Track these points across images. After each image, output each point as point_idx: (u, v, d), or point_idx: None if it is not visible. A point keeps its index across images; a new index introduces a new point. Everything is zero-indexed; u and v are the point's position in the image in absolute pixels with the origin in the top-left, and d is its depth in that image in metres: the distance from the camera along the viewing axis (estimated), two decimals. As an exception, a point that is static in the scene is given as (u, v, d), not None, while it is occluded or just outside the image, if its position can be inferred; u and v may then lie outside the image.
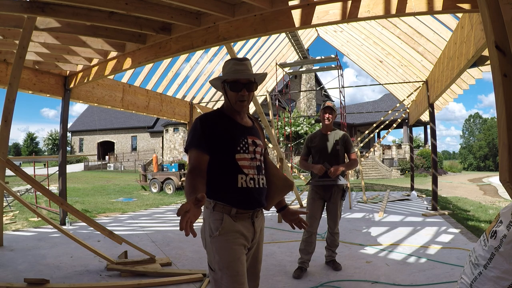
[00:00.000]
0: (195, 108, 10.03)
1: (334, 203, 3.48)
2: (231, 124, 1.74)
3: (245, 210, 1.67)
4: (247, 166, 1.69)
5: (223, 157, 1.67)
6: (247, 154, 1.71)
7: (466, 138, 55.55)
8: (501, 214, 1.77)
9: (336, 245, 3.61)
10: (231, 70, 1.74)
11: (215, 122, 1.72)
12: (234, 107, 1.75)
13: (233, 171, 1.66)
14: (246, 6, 3.99)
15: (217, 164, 1.66)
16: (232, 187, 1.65)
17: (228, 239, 1.60)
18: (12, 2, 3.65)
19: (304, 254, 3.42)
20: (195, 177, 1.56)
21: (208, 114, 1.76)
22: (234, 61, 1.77)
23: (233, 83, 1.72)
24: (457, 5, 3.22)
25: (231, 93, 1.73)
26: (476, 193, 12.73)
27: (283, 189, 1.90)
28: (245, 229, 1.67)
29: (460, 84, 7.20)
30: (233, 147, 1.69)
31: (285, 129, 20.45)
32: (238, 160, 1.68)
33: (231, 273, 1.57)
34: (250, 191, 1.67)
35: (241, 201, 1.65)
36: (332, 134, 3.56)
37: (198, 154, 1.64)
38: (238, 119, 1.78)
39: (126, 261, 3.72)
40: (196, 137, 1.66)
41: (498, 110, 1.57)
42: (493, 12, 1.56)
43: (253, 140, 1.76)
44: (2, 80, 5.19)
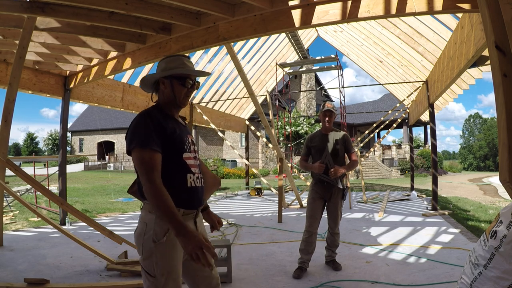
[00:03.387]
0: (195, 108, 10.04)
1: (334, 203, 3.47)
2: (174, 123, 1.70)
3: (191, 210, 1.65)
4: (193, 165, 1.69)
5: (172, 157, 1.62)
6: (190, 153, 1.70)
7: (466, 138, 55.54)
8: (501, 214, 1.77)
9: (336, 245, 3.61)
10: (184, 65, 1.71)
11: (162, 119, 1.63)
12: (178, 102, 1.71)
13: (182, 171, 1.64)
14: (246, 6, 3.99)
15: (166, 165, 1.59)
16: (182, 187, 1.62)
17: (174, 244, 1.54)
18: (12, 2, 3.65)
19: (304, 254, 3.42)
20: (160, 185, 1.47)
21: (153, 111, 1.65)
22: (185, 58, 1.74)
23: (184, 78, 1.69)
24: (457, 5, 3.22)
25: (181, 88, 1.69)
26: (476, 193, 12.73)
27: (213, 186, 1.96)
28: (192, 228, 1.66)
29: (460, 84, 7.20)
30: (181, 146, 1.66)
31: (285, 129, 20.45)
32: (185, 159, 1.66)
33: (174, 277, 1.56)
34: (197, 190, 1.68)
35: (189, 201, 1.64)
36: (332, 134, 3.55)
37: (153, 154, 1.52)
38: (176, 117, 1.76)
39: (126, 261, 3.72)
40: (147, 135, 1.53)
41: (498, 110, 1.57)
42: (493, 12, 1.56)
43: (191, 139, 1.76)
44: (2, 80, 5.19)
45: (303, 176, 11.01)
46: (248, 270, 3.59)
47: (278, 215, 6.40)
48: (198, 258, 1.37)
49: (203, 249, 1.37)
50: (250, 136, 21.22)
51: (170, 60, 1.73)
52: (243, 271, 3.54)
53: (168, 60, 1.73)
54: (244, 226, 5.91)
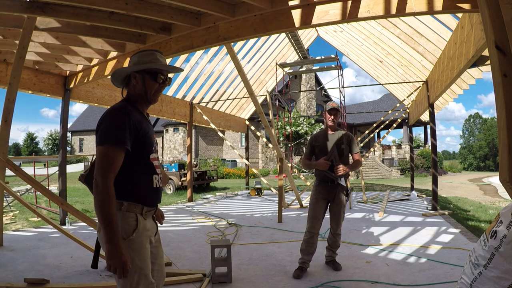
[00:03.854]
0: (195, 108, 10.04)
1: (338, 204, 3.43)
2: (146, 122, 1.69)
3: (152, 208, 1.71)
4: (157, 166, 1.72)
5: (141, 157, 1.63)
6: (155, 153, 1.72)
7: (466, 138, 55.54)
8: (501, 214, 1.77)
9: (337, 246, 3.59)
10: (157, 60, 1.69)
11: (136, 118, 1.61)
12: (149, 97, 1.70)
13: (150, 171, 1.66)
14: (246, 6, 3.99)
15: (135, 164, 1.60)
16: (148, 187, 1.65)
17: (142, 240, 1.60)
18: (12, 2, 3.65)
19: (305, 254, 3.41)
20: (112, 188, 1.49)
21: (128, 108, 1.61)
22: (158, 53, 1.72)
23: (156, 73, 1.68)
24: (457, 5, 3.22)
25: (152, 83, 1.68)
26: (476, 193, 12.72)
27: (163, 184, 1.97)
28: (151, 225, 1.72)
29: (460, 84, 7.20)
30: (150, 148, 1.67)
31: (285, 129, 20.45)
32: (152, 160, 1.68)
33: (146, 271, 1.60)
34: (159, 190, 1.74)
35: (153, 200, 1.69)
36: (337, 134, 3.51)
37: (120, 154, 1.53)
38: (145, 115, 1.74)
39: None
40: (121, 133, 1.52)
41: (498, 110, 1.57)
42: (493, 12, 1.56)
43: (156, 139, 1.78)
44: (2, 80, 5.19)
45: (303, 176, 11.01)
46: (248, 270, 3.59)
47: (278, 215, 6.40)
48: (114, 271, 1.44)
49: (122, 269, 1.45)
50: (250, 136, 21.24)
51: (143, 54, 1.71)
52: (243, 271, 3.54)
53: (141, 54, 1.71)
54: (244, 226, 5.91)
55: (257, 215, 7.19)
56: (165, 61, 1.75)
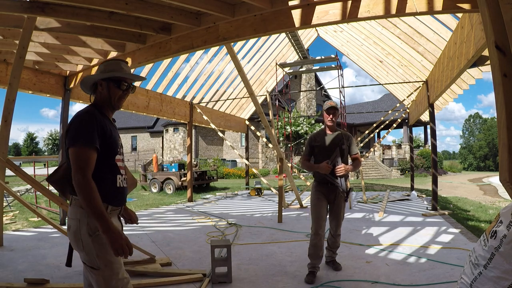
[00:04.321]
0: (195, 108, 10.04)
1: (338, 205, 3.40)
2: (111, 125, 1.80)
3: (117, 207, 1.80)
4: (122, 166, 1.83)
5: (107, 158, 1.73)
6: (120, 155, 1.83)
7: (466, 138, 55.56)
8: (501, 214, 1.77)
9: (337, 246, 3.57)
10: (121, 69, 1.83)
11: (102, 121, 1.72)
12: (113, 103, 1.83)
13: (114, 171, 1.77)
14: (246, 6, 3.99)
15: (100, 165, 1.69)
16: (112, 187, 1.75)
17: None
18: (12, 2, 3.65)
19: (315, 258, 3.31)
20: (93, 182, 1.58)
21: (95, 111, 1.74)
22: (121, 62, 1.87)
23: (119, 81, 1.82)
24: (457, 5, 3.22)
25: (117, 90, 1.82)
26: (476, 193, 12.72)
27: (131, 186, 2.11)
28: (117, 224, 1.80)
29: (460, 84, 7.20)
30: (115, 149, 1.78)
31: (285, 129, 20.45)
32: (117, 161, 1.79)
33: (118, 265, 1.68)
34: (123, 190, 1.84)
35: (117, 199, 1.78)
36: (336, 134, 3.47)
37: (92, 154, 1.63)
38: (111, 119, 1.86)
39: (126, 261, 3.72)
40: (91, 134, 1.63)
41: (498, 110, 1.57)
42: (493, 12, 1.56)
43: (121, 142, 1.89)
44: (2, 80, 5.19)
45: (303, 176, 11.01)
46: (248, 270, 3.59)
47: (278, 215, 6.40)
48: (122, 253, 1.55)
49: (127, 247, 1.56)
50: (250, 136, 21.25)
51: (109, 63, 1.86)
52: (243, 271, 3.54)
53: (107, 63, 1.86)
54: (244, 226, 5.91)
55: (257, 215, 7.19)
56: (129, 70, 1.90)
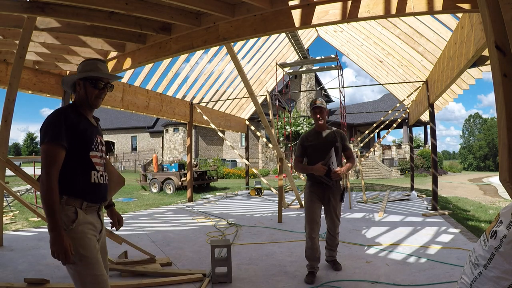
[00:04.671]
0: (195, 108, 10.04)
1: (333, 206, 3.36)
2: (86, 122, 1.84)
3: (94, 204, 1.81)
4: (98, 163, 1.85)
5: (79, 153, 1.77)
6: (98, 152, 1.86)
7: (466, 138, 55.56)
8: (501, 214, 1.77)
9: (336, 244, 3.55)
10: (96, 68, 1.87)
11: (75, 118, 1.78)
12: (90, 102, 1.87)
13: (88, 167, 1.79)
14: (246, 6, 3.99)
15: (73, 160, 1.74)
16: (86, 182, 1.77)
17: (84, 230, 1.72)
18: (12, 2, 3.65)
19: (312, 260, 3.31)
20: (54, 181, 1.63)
21: (67, 109, 1.79)
22: (98, 61, 1.91)
23: (96, 80, 1.86)
24: (457, 5, 3.22)
25: (92, 89, 1.86)
26: (476, 193, 12.72)
27: (118, 185, 2.13)
28: (94, 220, 1.82)
29: (460, 84, 7.20)
30: (89, 145, 1.81)
31: (285, 129, 20.45)
32: (91, 157, 1.81)
33: (93, 261, 1.70)
34: (100, 187, 1.84)
35: (92, 195, 1.79)
36: (328, 133, 3.41)
37: (58, 150, 1.67)
38: (89, 118, 1.90)
39: (126, 261, 3.72)
40: (58, 131, 1.68)
41: (498, 110, 1.57)
42: (493, 12, 1.56)
43: (100, 139, 1.92)
44: (2, 80, 5.18)
45: (303, 176, 11.00)
46: (248, 270, 3.59)
47: (278, 215, 6.40)
48: (58, 257, 1.59)
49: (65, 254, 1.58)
50: (250, 136, 21.24)
51: (86, 63, 1.90)
52: (243, 271, 3.54)
53: (85, 63, 1.91)
54: (244, 226, 5.91)
55: (257, 215, 7.19)
56: (106, 69, 1.94)
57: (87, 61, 1.92)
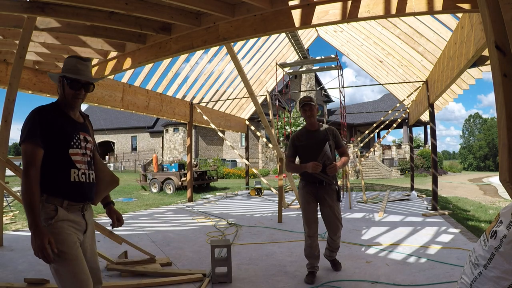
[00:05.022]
0: (195, 108, 10.04)
1: (329, 206, 3.23)
2: (65, 119, 1.80)
3: (76, 203, 1.76)
4: (79, 161, 1.79)
5: (57, 151, 1.73)
6: (79, 149, 1.81)
7: (466, 138, 55.56)
8: (501, 214, 1.77)
9: (337, 247, 3.44)
10: (74, 68, 1.81)
11: (52, 116, 1.75)
12: (68, 102, 1.83)
13: (66, 165, 1.74)
14: (246, 6, 3.99)
15: (51, 158, 1.71)
16: (65, 181, 1.73)
17: (63, 226, 1.68)
18: (12, 2, 3.65)
19: (312, 258, 3.27)
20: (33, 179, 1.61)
21: (45, 107, 1.77)
22: (77, 60, 1.84)
23: (73, 81, 1.80)
24: (457, 5, 3.22)
25: (69, 90, 1.81)
26: (476, 193, 12.72)
27: (110, 185, 2.02)
28: (77, 219, 1.77)
29: (460, 84, 7.20)
30: (67, 142, 1.76)
31: (285, 129, 20.44)
32: (71, 155, 1.76)
33: (71, 257, 1.65)
34: (82, 185, 1.78)
35: (73, 194, 1.74)
36: (321, 130, 3.29)
37: (35, 149, 1.65)
38: (71, 115, 1.85)
39: (126, 261, 3.72)
40: (33, 130, 1.67)
41: (498, 110, 1.57)
42: (493, 12, 1.56)
43: (85, 136, 1.87)
44: (2, 80, 5.19)
45: (303, 176, 11.00)
46: (248, 270, 3.59)
47: (278, 215, 6.40)
48: (38, 255, 1.57)
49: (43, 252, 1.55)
50: (250, 136, 21.24)
51: (66, 61, 1.85)
52: (243, 271, 3.54)
53: (66, 61, 1.85)
54: (244, 226, 5.91)
55: (257, 215, 7.19)
56: (86, 69, 1.85)
57: (69, 58, 1.86)
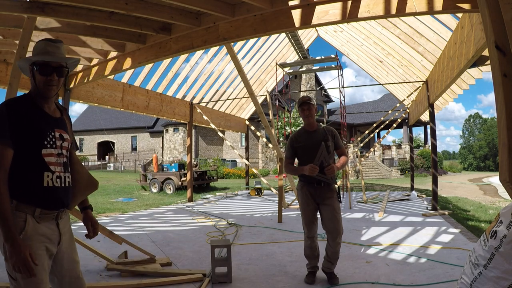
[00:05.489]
0: (195, 108, 10.04)
1: (329, 206, 3.08)
2: (38, 114, 1.58)
3: (50, 211, 1.56)
4: (53, 163, 1.58)
5: (28, 151, 1.52)
6: (54, 149, 1.59)
7: (466, 138, 55.58)
8: (501, 214, 1.77)
9: (336, 258, 3.15)
10: (42, 51, 1.60)
11: (23, 110, 1.54)
12: (42, 91, 1.60)
13: (38, 168, 1.53)
14: (246, 6, 3.99)
15: (21, 160, 1.50)
16: (37, 185, 1.52)
17: (32, 244, 1.47)
18: (12, 2, 3.65)
19: (312, 259, 3.23)
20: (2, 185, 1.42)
21: (15, 100, 1.56)
22: (46, 42, 1.61)
23: (42, 65, 1.58)
24: (457, 5, 3.22)
25: (40, 76, 1.58)
26: (476, 193, 12.72)
27: (88, 188, 1.83)
28: (50, 230, 1.57)
29: (460, 84, 7.20)
30: (40, 141, 1.55)
31: (285, 129, 20.44)
32: (44, 156, 1.55)
33: (37, 281, 1.46)
34: (56, 191, 1.58)
35: (46, 201, 1.54)
36: (319, 131, 3.20)
37: (4, 149, 1.45)
38: (46, 108, 1.63)
39: (126, 261, 3.72)
40: (1, 127, 1.46)
41: (498, 110, 1.56)
42: (493, 12, 1.55)
43: (61, 133, 1.65)
44: (2, 80, 5.18)
45: (303, 176, 11.00)
46: (248, 270, 3.59)
47: (278, 215, 6.40)
48: (18, 271, 1.38)
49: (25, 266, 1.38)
50: (250, 136, 21.23)
51: (36, 46, 1.62)
52: (243, 271, 3.54)
53: (35, 45, 1.62)
54: (244, 226, 5.91)
55: (257, 215, 7.19)
56: (58, 50, 1.63)
57: (38, 42, 1.62)
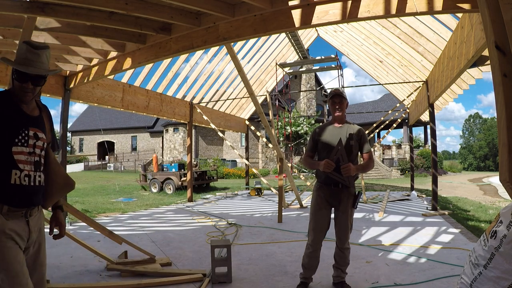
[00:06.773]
0: (195, 108, 10.04)
1: (344, 212, 2.87)
2: (14, 112, 1.59)
3: (18, 208, 1.57)
4: (23, 161, 1.58)
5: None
6: (26, 147, 1.59)
7: (466, 138, 55.62)
8: (501, 214, 1.77)
9: (346, 264, 2.98)
10: (21, 59, 1.60)
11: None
12: (17, 94, 1.62)
13: (7, 165, 1.54)
14: (246, 6, 3.99)
15: None
16: (4, 183, 1.53)
17: (1, 239, 1.49)
18: (12, 2, 3.65)
19: (308, 269, 2.97)
20: None
21: None
22: (28, 47, 1.60)
23: (20, 73, 1.59)
24: (457, 5, 3.22)
25: (16, 82, 1.60)
26: (476, 193, 12.72)
27: (64, 188, 1.84)
28: (19, 227, 1.57)
29: (460, 84, 7.20)
30: (11, 138, 1.55)
31: (285, 129, 20.44)
32: (14, 153, 1.55)
33: (11, 274, 1.48)
34: (23, 189, 1.58)
35: (13, 198, 1.55)
36: (345, 127, 2.93)
37: None
38: (23, 107, 1.64)
39: (126, 261, 3.72)
40: None
41: (498, 110, 1.56)
42: (493, 12, 1.55)
43: (35, 132, 1.65)
44: (2, 80, 5.18)
45: (303, 176, 11.00)
46: (248, 270, 3.59)
47: (278, 215, 6.40)
48: None
49: None
50: (250, 136, 21.24)
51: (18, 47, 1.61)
52: (243, 271, 3.54)
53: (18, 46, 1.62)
54: (244, 226, 5.91)
55: (257, 215, 7.19)
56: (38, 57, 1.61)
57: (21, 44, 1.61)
